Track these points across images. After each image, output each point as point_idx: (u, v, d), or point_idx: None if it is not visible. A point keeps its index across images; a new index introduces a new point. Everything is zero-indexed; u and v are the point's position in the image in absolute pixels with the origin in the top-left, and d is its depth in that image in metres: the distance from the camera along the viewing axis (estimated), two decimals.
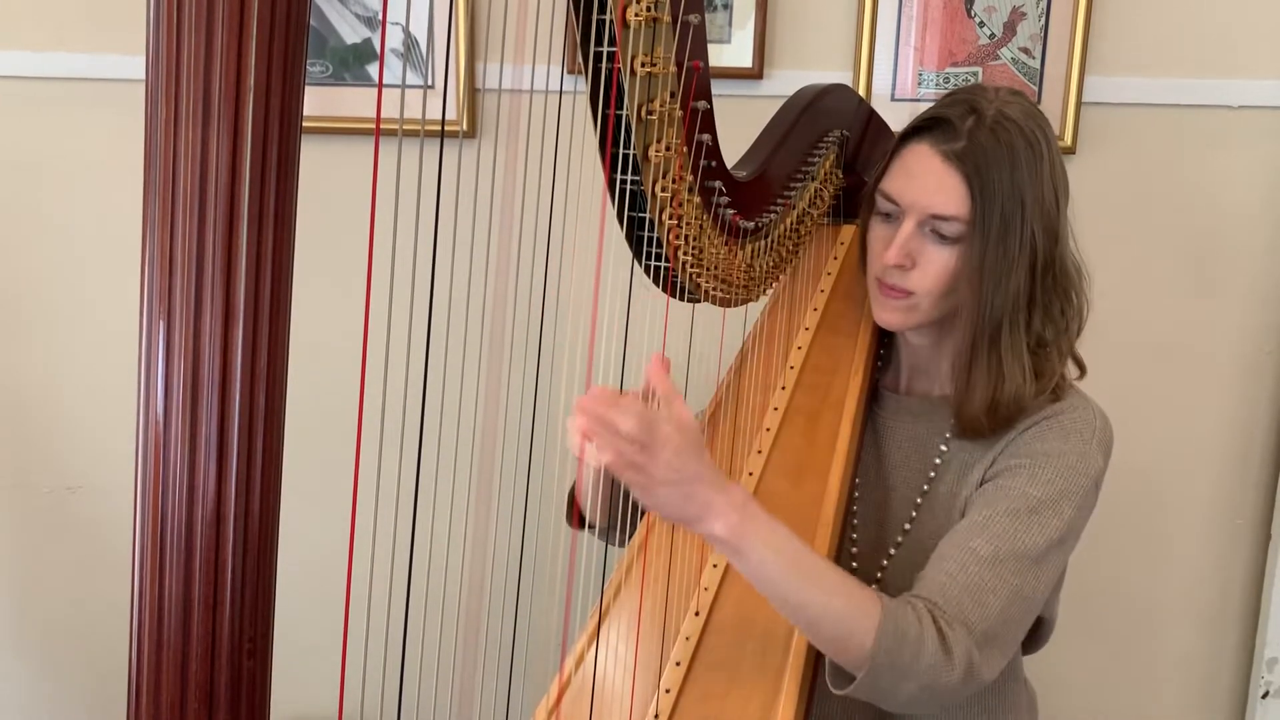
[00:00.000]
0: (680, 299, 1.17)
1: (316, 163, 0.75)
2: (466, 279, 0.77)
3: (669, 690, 1.04)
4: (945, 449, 1.21)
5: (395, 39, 1.80)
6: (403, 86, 1.82)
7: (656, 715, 1.02)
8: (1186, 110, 1.80)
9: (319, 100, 1.82)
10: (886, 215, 1.18)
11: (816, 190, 1.35)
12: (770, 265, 1.29)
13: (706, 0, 1.75)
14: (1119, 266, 1.81)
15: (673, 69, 1.00)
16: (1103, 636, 1.98)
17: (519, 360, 0.94)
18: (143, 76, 0.55)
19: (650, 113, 1.00)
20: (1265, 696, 1.95)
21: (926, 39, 1.79)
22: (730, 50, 1.78)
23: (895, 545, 1.21)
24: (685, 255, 1.12)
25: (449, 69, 1.80)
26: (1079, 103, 1.78)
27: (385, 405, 0.67)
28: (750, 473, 1.21)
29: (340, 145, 1.59)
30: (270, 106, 0.54)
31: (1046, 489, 1.10)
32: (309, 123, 0.57)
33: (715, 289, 1.20)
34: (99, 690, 2.09)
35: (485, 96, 1.83)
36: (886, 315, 1.19)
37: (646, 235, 1.08)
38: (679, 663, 1.06)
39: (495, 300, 0.87)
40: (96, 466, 2.03)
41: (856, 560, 1.24)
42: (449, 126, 1.80)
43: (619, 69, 0.96)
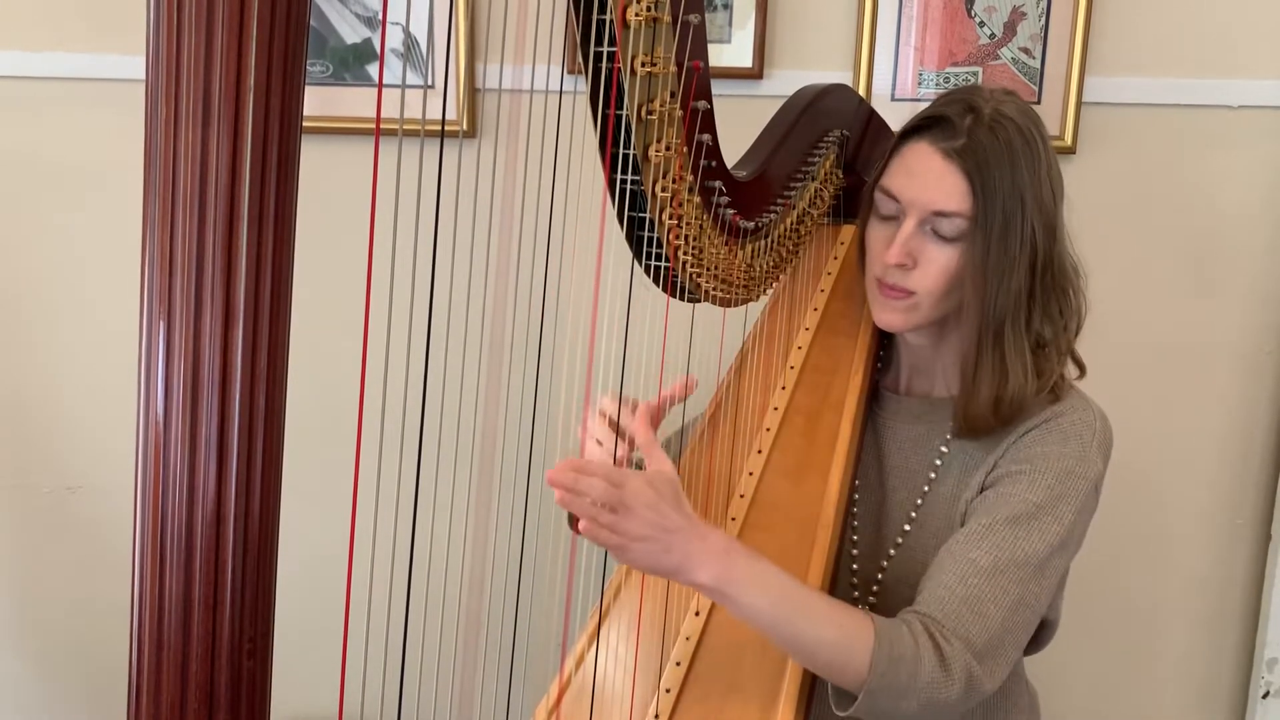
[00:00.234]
0: (680, 299, 1.17)
1: (316, 163, 0.75)
2: (466, 279, 0.77)
3: (669, 690, 1.04)
4: (946, 450, 1.21)
5: (395, 39, 1.80)
6: (403, 86, 1.82)
7: (657, 715, 1.02)
8: (1186, 110, 1.80)
9: (319, 100, 1.82)
10: (886, 215, 1.18)
11: (816, 190, 1.35)
12: (770, 265, 1.29)
13: (706, 0, 1.75)
14: (1119, 266, 1.81)
15: (673, 69, 1.00)
16: (1103, 637, 1.98)
17: (519, 360, 0.94)
18: (143, 76, 0.55)
19: (650, 113, 1.00)
20: (1265, 696, 1.95)
21: (926, 39, 1.79)
22: (730, 50, 1.78)
23: (895, 545, 1.21)
24: (685, 255, 1.12)
25: (449, 69, 1.80)
26: (1079, 103, 1.78)
27: (385, 404, 0.67)
28: (750, 472, 1.21)
29: (340, 145, 1.59)
30: (270, 106, 0.54)
31: (1046, 494, 1.10)
32: (309, 123, 0.57)
33: (715, 289, 1.20)
34: (99, 690, 2.09)
35: (485, 96, 1.83)
36: (888, 316, 1.19)
37: (646, 235, 1.08)
38: (679, 663, 1.06)
39: (495, 300, 0.87)
40: (96, 466, 2.03)
41: (856, 561, 1.24)
42: (449, 126, 1.80)
43: (619, 69, 0.96)
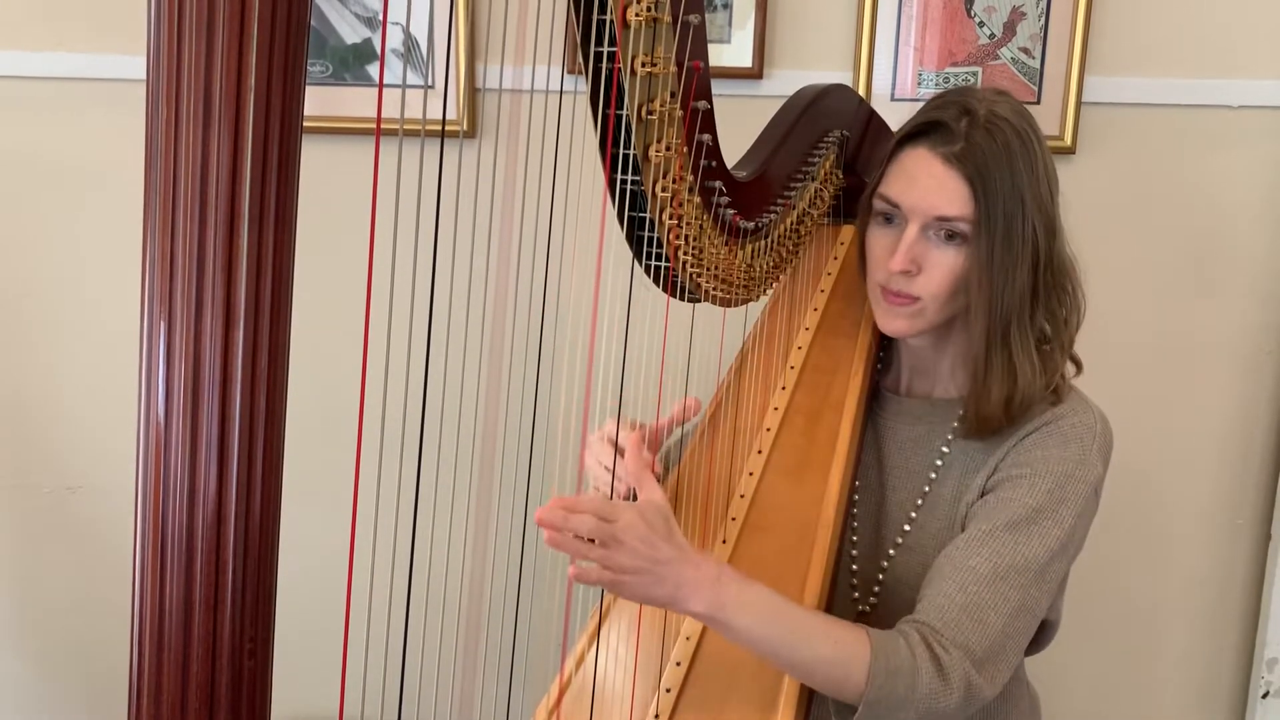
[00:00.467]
0: (680, 299, 1.17)
1: (316, 163, 0.75)
2: (467, 278, 0.77)
3: (669, 690, 1.04)
4: (947, 451, 1.21)
5: (395, 39, 1.80)
6: (403, 86, 1.82)
7: (657, 715, 1.02)
8: (1186, 110, 1.80)
9: (319, 100, 1.82)
10: (887, 219, 1.18)
11: (816, 190, 1.35)
12: (770, 265, 1.29)
13: (706, 0, 1.75)
14: (1119, 266, 1.81)
15: (673, 69, 1.00)
16: (1103, 637, 1.98)
17: (519, 359, 0.94)
18: (143, 76, 0.55)
19: (650, 113, 1.00)
20: (1265, 696, 1.95)
21: (926, 39, 1.79)
22: (730, 50, 1.78)
23: (895, 546, 1.21)
24: (685, 255, 1.12)
25: (449, 69, 1.80)
26: (1079, 103, 1.78)
27: (386, 403, 0.67)
28: (750, 472, 1.21)
29: (340, 145, 1.59)
30: (271, 107, 0.54)
31: (1046, 498, 1.10)
32: (309, 123, 0.57)
33: (715, 289, 1.20)
34: (99, 690, 2.09)
35: (485, 96, 1.83)
36: (894, 323, 1.19)
37: (647, 235, 1.08)
38: (679, 663, 1.06)
39: (496, 300, 0.87)
40: (96, 466, 2.03)
41: (856, 561, 1.24)
42: (449, 127, 1.80)
43: (619, 69, 0.96)
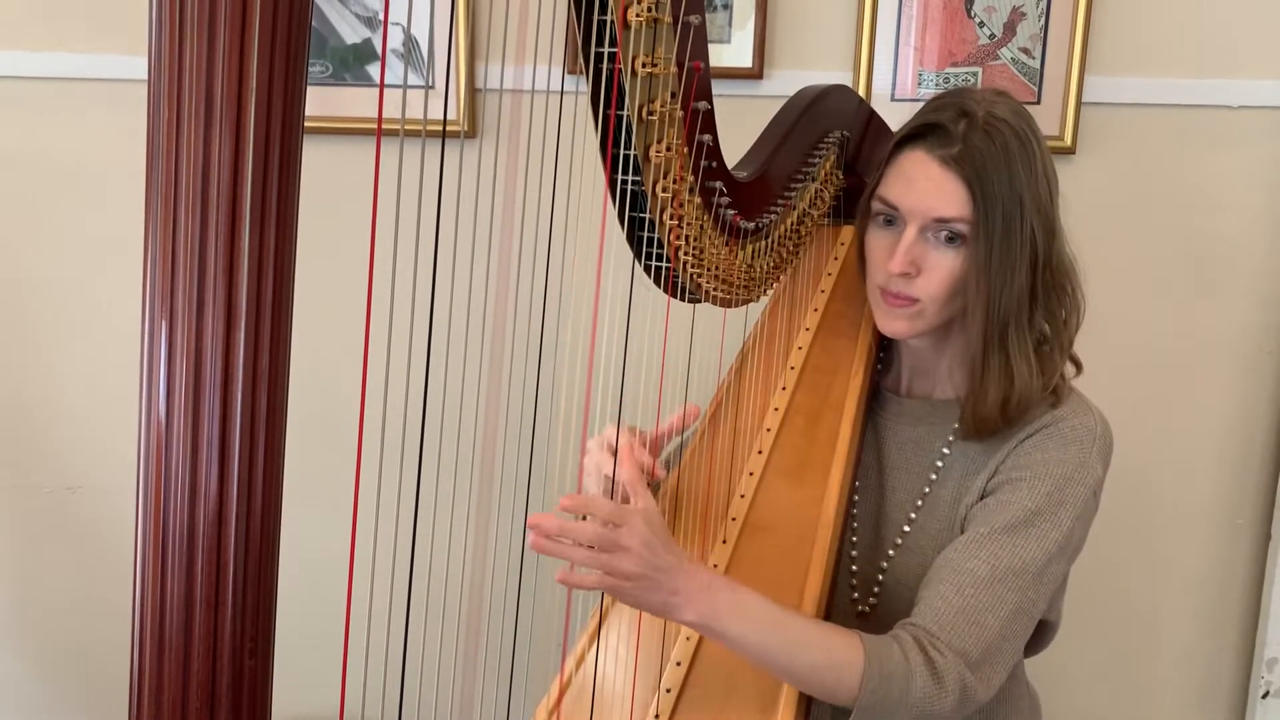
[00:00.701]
0: (681, 299, 1.17)
1: (317, 163, 0.75)
2: (467, 278, 0.77)
3: (669, 690, 1.04)
4: (947, 452, 1.21)
5: (396, 39, 1.80)
6: (403, 87, 1.82)
7: (657, 715, 1.02)
8: (1186, 110, 1.80)
9: (319, 100, 1.82)
10: (887, 220, 1.18)
11: (817, 191, 1.35)
12: (771, 266, 1.29)
13: (706, 0, 1.75)
14: (1119, 266, 1.81)
15: (673, 69, 1.00)
16: (1103, 637, 1.98)
17: (520, 358, 0.94)
18: (144, 77, 0.55)
19: (651, 113, 1.00)
20: (1265, 696, 1.95)
21: (926, 39, 1.79)
22: (730, 50, 1.78)
23: (894, 546, 1.21)
24: (686, 255, 1.12)
25: (450, 69, 1.80)
26: (1079, 103, 1.78)
27: (387, 402, 0.68)
28: (751, 473, 1.21)
29: (340, 146, 1.59)
30: (272, 107, 0.54)
31: (1045, 500, 1.10)
32: (309, 123, 0.57)
33: (716, 289, 1.20)
34: (99, 690, 2.09)
35: (486, 97, 1.83)
36: (894, 325, 1.19)
37: (647, 236, 1.08)
38: (679, 663, 1.06)
39: (496, 299, 0.87)
40: (97, 466, 2.02)
41: (855, 561, 1.24)
42: (450, 127, 1.80)
43: (620, 70, 0.96)
